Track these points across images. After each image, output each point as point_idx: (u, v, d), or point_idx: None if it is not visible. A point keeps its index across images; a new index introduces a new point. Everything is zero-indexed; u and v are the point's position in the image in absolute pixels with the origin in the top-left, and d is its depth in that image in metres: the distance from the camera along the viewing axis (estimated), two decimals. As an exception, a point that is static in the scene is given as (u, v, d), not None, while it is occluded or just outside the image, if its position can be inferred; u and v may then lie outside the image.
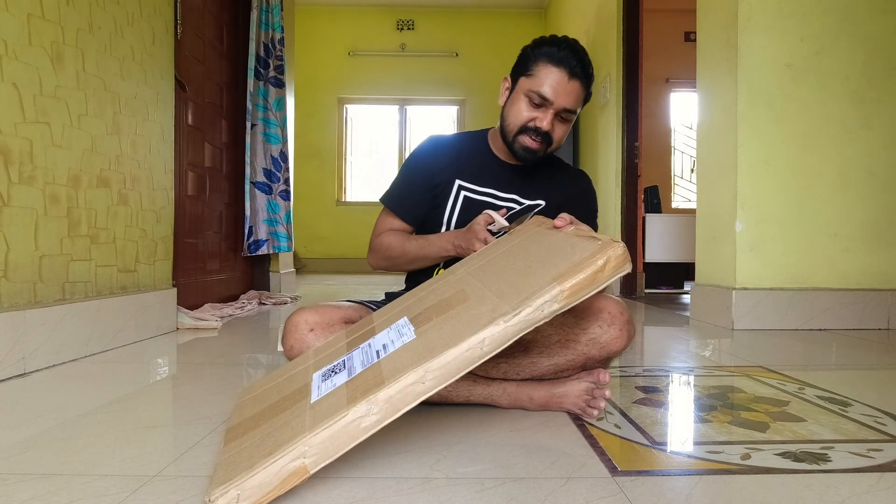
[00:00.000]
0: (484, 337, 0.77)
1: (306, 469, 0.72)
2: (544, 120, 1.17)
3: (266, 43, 3.28)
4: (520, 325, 0.78)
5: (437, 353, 0.77)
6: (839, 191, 2.38)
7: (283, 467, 0.70)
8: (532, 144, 1.19)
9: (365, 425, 0.74)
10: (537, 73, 1.17)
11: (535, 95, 1.16)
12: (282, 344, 1.10)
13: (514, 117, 1.20)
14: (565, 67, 1.15)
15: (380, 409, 0.74)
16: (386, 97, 6.90)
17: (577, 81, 1.16)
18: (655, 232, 4.05)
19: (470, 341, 0.77)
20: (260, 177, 3.30)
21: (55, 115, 1.52)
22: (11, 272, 1.38)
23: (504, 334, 0.78)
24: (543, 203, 1.29)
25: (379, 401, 0.74)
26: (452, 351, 0.76)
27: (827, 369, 1.59)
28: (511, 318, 0.78)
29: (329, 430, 0.72)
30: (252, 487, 0.69)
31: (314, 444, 0.71)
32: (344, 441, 0.73)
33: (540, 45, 1.19)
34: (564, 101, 1.16)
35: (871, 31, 2.38)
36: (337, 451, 0.73)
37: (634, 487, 0.77)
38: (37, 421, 1.04)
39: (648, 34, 4.13)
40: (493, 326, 0.78)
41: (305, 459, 0.71)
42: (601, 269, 0.81)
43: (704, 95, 2.68)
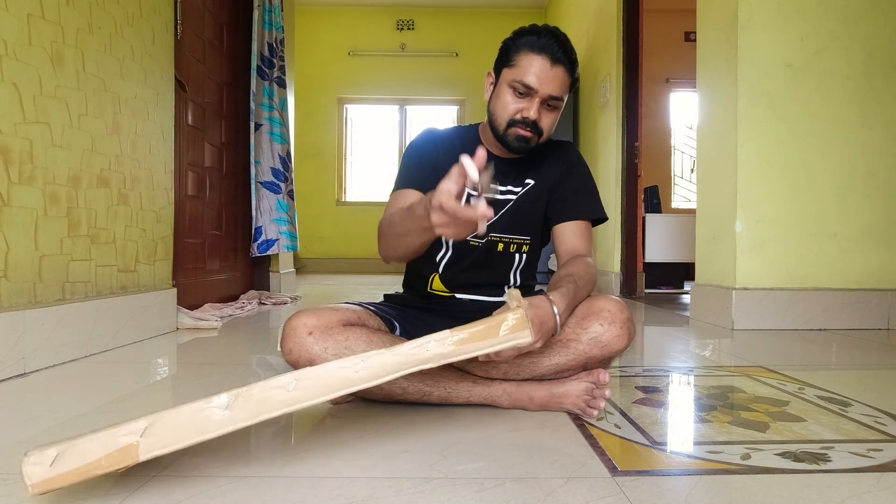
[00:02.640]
0: (361, 360, 0.77)
1: (136, 450, 0.66)
2: (531, 109, 1.14)
3: (270, 42, 3.28)
4: (400, 357, 0.78)
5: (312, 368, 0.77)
6: (839, 191, 2.38)
7: (113, 439, 0.65)
8: (525, 133, 1.17)
9: (216, 418, 0.69)
10: (519, 63, 1.14)
11: (519, 85, 1.14)
12: (280, 348, 1.10)
13: (500, 110, 1.18)
14: (547, 54, 1.12)
15: (234, 406, 0.70)
16: (386, 97, 6.90)
17: (561, 67, 1.13)
18: (655, 232, 4.05)
19: (346, 361, 0.77)
20: (268, 176, 3.30)
21: (55, 115, 1.52)
22: (11, 272, 1.38)
23: (382, 363, 0.78)
24: (532, 183, 1.27)
25: (238, 396, 0.70)
26: (325, 367, 0.76)
27: (827, 369, 1.59)
28: (394, 349, 0.79)
29: (177, 413, 0.68)
30: (74, 452, 0.64)
31: (155, 424, 0.66)
32: (188, 430, 0.68)
33: (520, 35, 1.17)
34: (549, 88, 1.13)
35: (871, 31, 2.38)
36: (177, 440, 0.67)
37: (634, 487, 0.77)
38: (37, 421, 1.04)
39: (648, 34, 4.12)
40: (374, 353, 0.78)
41: (140, 438, 0.65)
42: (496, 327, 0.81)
43: (704, 95, 2.68)
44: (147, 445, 0.66)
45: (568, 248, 1.24)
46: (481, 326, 0.81)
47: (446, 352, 0.79)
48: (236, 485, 0.77)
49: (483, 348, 0.80)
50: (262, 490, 0.75)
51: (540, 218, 1.29)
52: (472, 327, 0.81)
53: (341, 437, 0.96)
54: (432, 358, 0.79)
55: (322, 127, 6.77)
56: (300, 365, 1.07)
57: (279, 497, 0.73)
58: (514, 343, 0.82)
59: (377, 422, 1.04)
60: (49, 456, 0.63)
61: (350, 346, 1.07)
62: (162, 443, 0.66)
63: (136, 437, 0.65)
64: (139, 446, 0.66)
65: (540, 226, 1.30)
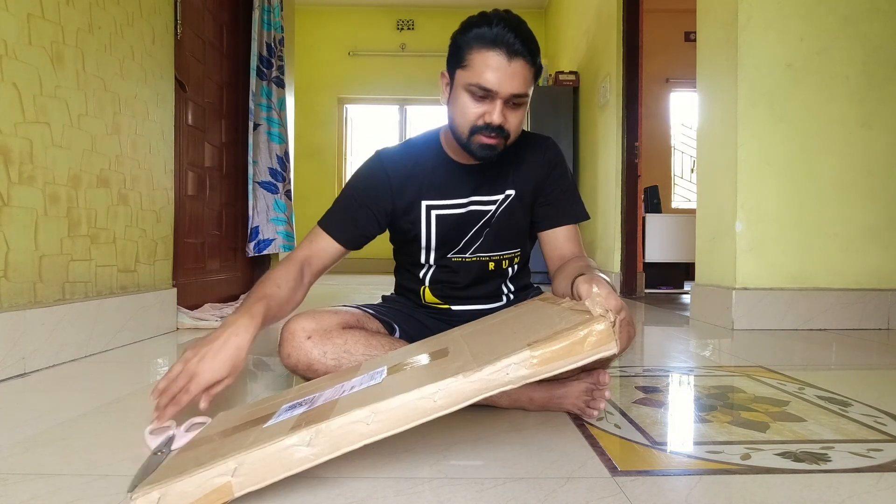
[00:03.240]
0: (439, 388, 0.73)
1: (231, 488, 0.67)
2: (493, 113, 1.03)
3: (269, 42, 3.28)
4: (479, 383, 0.74)
5: (388, 396, 0.73)
6: (839, 191, 2.38)
7: (208, 480, 0.67)
8: (489, 141, 1.05)
9: (299, 456, 0.70)
10: (472, 63, 1.02)
11: (476, 88, 1.02)
12: (279, 352, 1.09)
13: (460, 117, 1.07)
14: (502, 47, 0.99)
15: (316, 443, 0.70)
16: (386, 97, 6.90)
17: (520, 60, 1.01)
18: (655, 232, 4.06)
19: (423, 390, 0.73)
20: (265, 176, 3.30)
21: (55, 114, 1.52)
22: (11, 272, 1.38)
23: (460, 390, 0.73)
24: (513, 192, 1.18)
25: (318, 432, 0.70)
26: (402, 397, 0.73)
27: (827, 369, 1.59)
28: (471, 375, 0.74)
29: (262, 452, 0.69)
30: (175, 494, 0.66)
31: (244, 464, 0.68)
32: (275, 467, 0.69)
33: (468, 29, 1.04)
34: (510, 87, 1.01)
35: (871, 31, 2.38)
36: (266, 476, 0.69)
37: (634, 487, 0.77)
38: (37, 421, 1.04)
39: (648, 34, 4.12)
40: (451, 380, 0.74)
41: (233, 478, 0.68)
42: (580, 342, 0.74)
43: (704, 95, 2.68)
44: (239, 483, 0.68)
45: (562, 254, 1.19)
46: (564, 343, 0.74)
47: (527, 374, 0.74)
48: (236, 485, 0.76)
49: (566, 365, 0.75)
50: (262, 490, 0.75)
51: (526, 225, 1.24)
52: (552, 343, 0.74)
53: (341, 437, 0.96)
54: (512, 381, 0.74)
55: (322, 127, 6.77)
56: (299, 369, 1.07)
57: (279, 497, 0.73)
58: (599, 356, 0.75)
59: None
60: (153, 499, 0.65)
61: (349, 350, 1.06)
62: (253, 480, 0.69)
63: (229, 476, 0.68)
64: (233, 485, 0.68)
65: (527, 231, 1.25)
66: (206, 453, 0.73)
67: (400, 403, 0.72)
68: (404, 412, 0.73)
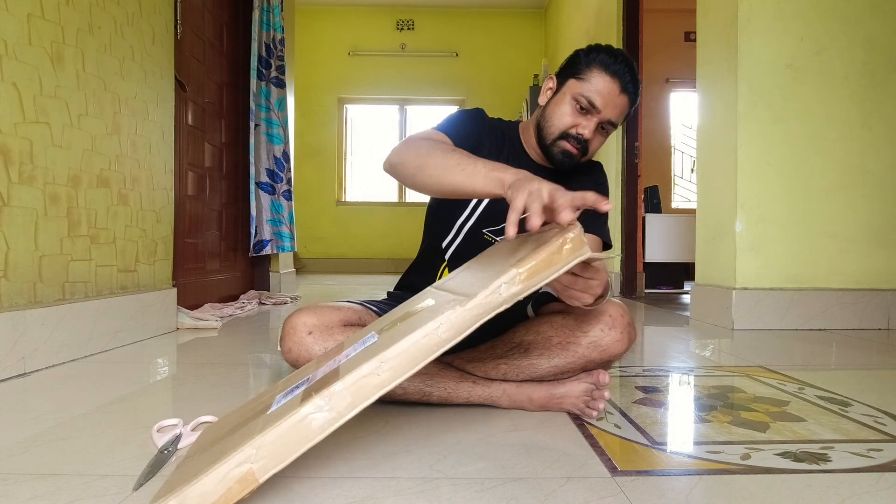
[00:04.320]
0: (440, 322, 0.73)
1: (254, 475, 0.65)
2: (588, 127, 1.13)
3: (268, 43, 3.28)
4: (476, 308, 0.75)
5: (392, 343, 0.73)
6: (839, 191, 2.38)
7: (227, 474, 0.64)
8: (572, 149, 1.15)
9: (317, 423, 0.68)
10: (590, 78, 1.13)
11: (583, 100, 1.12)
12: (280, 347, 1.10)
13: (557, 119, 1.16)
14: (619, 80, 1.12)
15: (332, 405, 0.68)
16: (386, 97, 6.90)
17: (626, 96, 1.13)
18: (655, 232, 4.05)
19: (426, 328, 0.73)
20: (263, 177, 3.30)
21: (55, 115, 1.52)
22: (11, 272, 1.38)
23: (461, 319, 0.74)
24: None
25: (332, 394, 0.69)
26: (408, 338, 0.72)
27: (827, 369, 1.59)
28: (467, 303, 0.75)
29: (277, 429, 0.67)
30: (194, 498, 0.63)
31: (262, 447, 0.66)
32: (294, 442, 0.67)
33: (596, 52, 1.15)
34: (611, 113, 1.13)
35: (871, 31, 2.38)
36: (287, 454, 0.67)
37: (634, 487, 0.77)
38: (37, 421, 1.04)
39: (648, 34, 4.12)
40: (449, 312, 0.74)
41: (253, 464, 0.65)
42: (557, 251, 0.78)
43: (704, 95, 2.68)
44: (262, 468, 0.66)
45: None
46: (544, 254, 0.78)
47: (518, 290, 0.76)
48: (236, 485, 0.76)
49: (550, 275, 0.78)
50: (262, 490, 0.75)
51: None
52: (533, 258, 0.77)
53: (341, 437, 0.96)
54: (506, 300, 0.76)
55: (322, 127, 6.77)
56: (300, 364, 1.07)
57: (279, 497, 0.73)
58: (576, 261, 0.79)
59: (377, 422, 1.04)
60: None
61: None
62: (275, 461, 0.67)
63: (249, 464, 0.65)
64: (255, 471, 0.66)
65: None
66: (215, 453, 0.72)
67: (406, 346, 0.72)
68: (413, 353, 0.73)
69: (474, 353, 1.21)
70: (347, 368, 0.74)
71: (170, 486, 0.69)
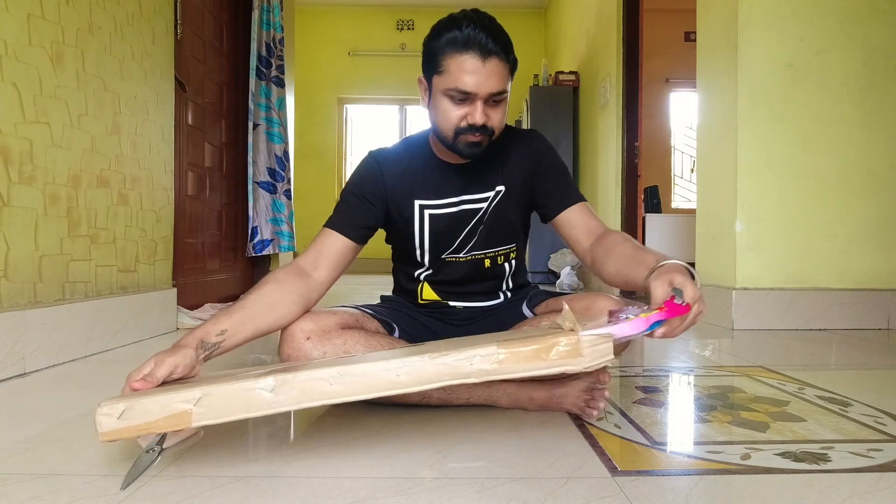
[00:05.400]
0: (403, 364, 0.75)
1: (189, 416, 0.70)
2: (475, 113, 1.04)
3: (268, 42, 3.28)
4: (442, 367, 0.75)
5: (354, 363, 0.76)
6: (839, 191, 2.38)
7: (171, 404, 0.70)
8: (475, 139, 1.07)
9: (262, 399, 0.73)
10: (447, 68, 1.03)
11: (454, 93, 1.03)
12: (279, 353, 1.09)
13: (443, 120, 1.08)
14: (475, 49, 1.00)
15: (280, 391, 0.73)
16: (386, 97, 6.90)
17: (494, 58, 1.01)
18: (655, 232, 4.05)
19: (388, 363, 0.75)
20: (264, 176, 3.30)
21: (55, 115, 1.52)
22: (11, 272, 1.38)
23: (423, 370, 0.74)
24: (503, 188, 1.18)
25: (284, 382, 0.73)
26: (367, 365, 0.75)
27: (827, 369, 1.59)
28: (437, 358, 0.75)
29: (228, 388, 0.72)
30: (138, 410, 0.70)
31: (208, 395, 0.71)
32: (236, 405, 0.72)
33: (440, 34, 1.05)
34: (487, 87, 1.02)
35: (871, 31, 2.38)
36: (225, 412, 0.72)
37: (634, 487, 0.77)
38: (37, 421, 1.04)
39: (648, 34, 4.13)
40: (416, 357, 0.75)
41: (194, 406, 0.71)
42: (546, 349, 0.75)
43: (704, 95, 2.68)
44: (199, 414, 0.71)
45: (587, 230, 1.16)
46: (532, 347, 0.75)
47: (490, 369, 0.75)
48: (236, 485, 0.77)
49: (529, 370, 0.75)
50: (262, 490, 0.75)
51: (520, 220, 1.24)
52: (520, 345, 0.75)
53: (341, 437, 0.96)
54: (475, 373, 0.75)
55: (322, 127, 6.77)
56: None
57: (279, 497, 0.73)
58: (562, 369, 0.76)
59: (377, 422, 1.04)
60: (117, 410, 0.70)
61: (348, 351, 1.06)
62: (213, 414, 0.71)
63: (191, 405, 0.70)
64: (192, 414, 0.70)
65: (521, 226, 1.25)
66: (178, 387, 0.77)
67: (364, 370, 0.75)
68: (367, 380, 0.75)
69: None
70: (310, 366, 0.78)
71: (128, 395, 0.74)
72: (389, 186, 1.18)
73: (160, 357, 0.84)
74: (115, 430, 0.70)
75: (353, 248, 1.16)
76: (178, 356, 0.85)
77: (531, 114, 4.92)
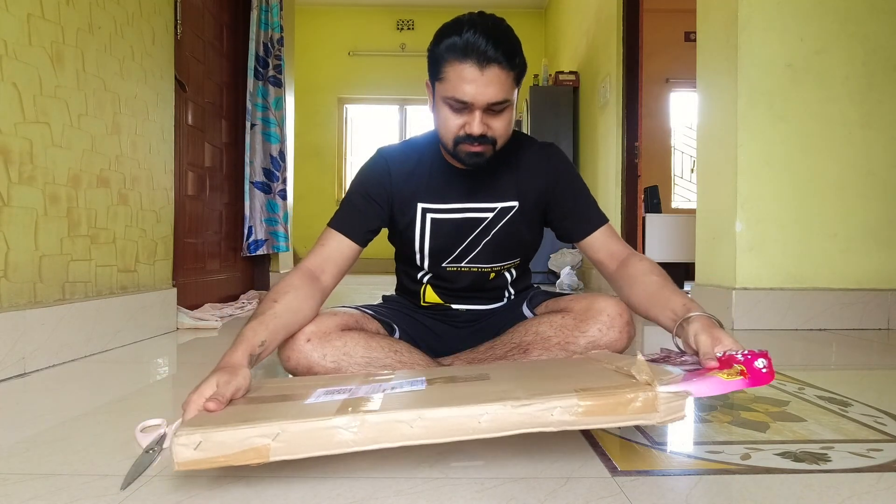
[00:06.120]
0: (486, 411, 0.74)
1: (267, 451, 0.70)
2: (473, 124, 1.01)
3: (266, 42, 3.28)
4: (525, 417, 0.74)
5: (434, 405, 0.75)
6: (839, 191, 2.38)
7: (249, 437, 0.69)
8: (475, 149, 1.04)
9: (340, 438, 0.71)
10: (447, 76, 1.00)
11: (452, 101, 1.01)
12: (278, 354, 1.08)
13: (443, 129, 1.06)
14: (473, 57, 0.97)
15: (359, 430, 0.71)
16: (386, 97, 6.90)
17: (494, 66, 0.97)
18: (655, 232, 4.05)
19: (470, 409, 0.74)
20: (259, 176, 3.30)
21: (55, 115, 1.52)
22: (11, 272, 1.38)
23: (506, 418, 0.74)
24: (517, 204, 1.16)
25: (364, 422, 0.71)
26: (450, 410, 0.74)
27: (827, 369, 1.59)
28: (519, 406, 0.74)
29: (306, 425, 0.71)
30: (214, 441, 0.69)
31: (286, 431, 0.70)
32: (316, 443, 0.71)
33: (441, 39, 1.02)
34: (486, 97, 0.98)
35: (871, 31, 2.37)
36: (305, 450, 0.71)
37: (634, 487, 0.77)
38: (37, 421, 1.04)
39: (648, 34, 4.13)
40: (499, 405, 0.74)
41: (273, 442, 0.70)
42: (625, 403, 0.75)
43: (704, 95, 2.68)
44: (277, 449, 0.70)
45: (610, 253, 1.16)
46: (610, 400, 0.75)
47: (569, 420, 0.75)
48: (236, 485, 0.76)
49: (606, 423, 0.76)
50: (262, 490, 0.75)
51: (533, 236, 1.22)
52: (599, 397, 0.75)
53: (341, 437, 0.96)
54: (554, 423, 0.75)
55: (322, 127, 6.78)
56: (299, 372, 1.07)
57: (279, 497, 0.73)
58: (638, 423, 0.77)
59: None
60: (194, 441, 0.69)
61: (348, 352, 1.06)
62: (290, 450, 0.70)
63: (270, 440, 0.70)
64: (270, 448, 0.70)
65: (531, 240, 1.23)
66: (248, 413, 0.76)
67: (446, 415, 0.74)
68: (448, 425, 0.74)
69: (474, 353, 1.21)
70: (388, 405, 0.76)
71: (199, 420, 0.73)
72: (396, 186, 1.16)
73: (222, 377, 0.83)
74: (191, 461, 0.69)
75: (358, 251, 1.16)
76: (240, 378, 0.84)
77: (531, 114, 4.92)
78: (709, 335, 0.87)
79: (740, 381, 0.80)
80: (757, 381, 0.80)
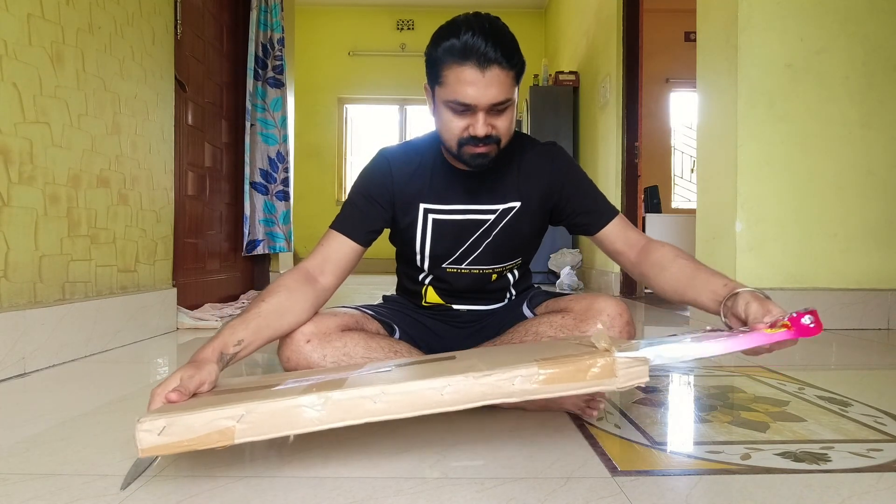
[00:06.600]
0: (448, 382, 0.75)
1: (232, 433, 0.70)
2: (477, 125, 1.00)
3: (265, 43, 3.28)
4: (486, 387, 0.76)
5: (398, 382, 0.76)
6: (839, 191, 2.38)
7: (214, 420, 0.70)
8: (479, 150, 1.03)
9: (306, 417, 0.72)
10: (447, 80, 0.99)
11: (453, 105, 1.00)
12: (278, 355, 1.08)
13: (446, 132, 1.05)
14: (473, 59, 0.96)
15: (324, 407, 0.73)
16: (386, 97, 6.90)
17: (495, 67, 0.96)
18: (655, 232, 4.05)
19: (433, 382, 0.75)
20: (257, 177, 3.30)
21: (55, 115, 1.52)
22: (11, 272, 1.38)
23: (469, 389, 0.75)
24: (519, 205, 1.15)
25: (329, 399, 0.73)
26: (412, 384, 0.75)
27: (827, 369, 1.59)
28: (481, 377, 0.76)
29: (272, 405, 0.72)
30: (180, 426, 0.69)
31: (252, 412, 0.71)
32: (280, 423, 0.72)
33: (439, 42, 1.01)
34: (487, 98, 0.98)
35: (871, 31, 2.37)
36: (270, 429, 0.72)
37: (634, 487, 0.77)
38: (37, 421, 1.04)
39: (648, 34, 4.12)
40: (461, 376, 0.76)
41: (238, 424, 0.70)
42: (584, 370, 0.77)
43: (704, 95, 2.68)
44: (242, 430, 0.71)
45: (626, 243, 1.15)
46: (569, 367, 0.77)
47: (530, 389, 0.77)
48: (236, 485, 0.77)
49: (567, 390, 0.78)
50: (262, 490, 0.75)
51: (535, 235, 1.22)
52: (559, 365, 0.77)
53: (341, 437, 0.96)
54: (516, 392, 0.77)
55: (322, 127, 6.77)
56: None
57: (279, 497, 0.73)
58: (598, 389, 0.78)
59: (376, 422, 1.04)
60: (158, 426, 0.69)
61: (348, 353, 1.06)
62: (256, 431, 0.71)
63: (234, 421, 0.70)
64: (235, 430, 0.71)
65: (532, 241, 1.23)
66: (215, 401, 0.77)
67: (409, 389, 0.75)
68: (411, 399, 0.75)
69: (474, 353, 1.21)
70: (353, 384, 0.77)
71: (163, 409, 0.74)
72: (398, 187, 1.16)
73: (186, 371, 0.83)
74: (155, 447, 0.70)
75: (360, 252, 1.15)
76: (204, 372, 0.85)
77: (531, 114, 4.92)
78: (760, 304, 0.88)
79: (784, 332, 0.81)
80: (801, 332, 0.81)
